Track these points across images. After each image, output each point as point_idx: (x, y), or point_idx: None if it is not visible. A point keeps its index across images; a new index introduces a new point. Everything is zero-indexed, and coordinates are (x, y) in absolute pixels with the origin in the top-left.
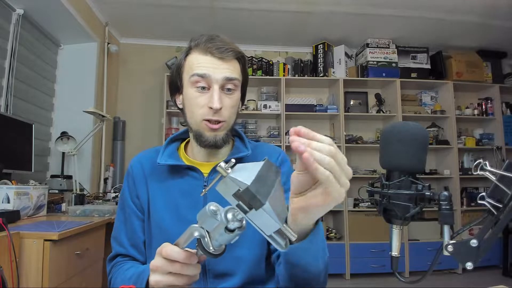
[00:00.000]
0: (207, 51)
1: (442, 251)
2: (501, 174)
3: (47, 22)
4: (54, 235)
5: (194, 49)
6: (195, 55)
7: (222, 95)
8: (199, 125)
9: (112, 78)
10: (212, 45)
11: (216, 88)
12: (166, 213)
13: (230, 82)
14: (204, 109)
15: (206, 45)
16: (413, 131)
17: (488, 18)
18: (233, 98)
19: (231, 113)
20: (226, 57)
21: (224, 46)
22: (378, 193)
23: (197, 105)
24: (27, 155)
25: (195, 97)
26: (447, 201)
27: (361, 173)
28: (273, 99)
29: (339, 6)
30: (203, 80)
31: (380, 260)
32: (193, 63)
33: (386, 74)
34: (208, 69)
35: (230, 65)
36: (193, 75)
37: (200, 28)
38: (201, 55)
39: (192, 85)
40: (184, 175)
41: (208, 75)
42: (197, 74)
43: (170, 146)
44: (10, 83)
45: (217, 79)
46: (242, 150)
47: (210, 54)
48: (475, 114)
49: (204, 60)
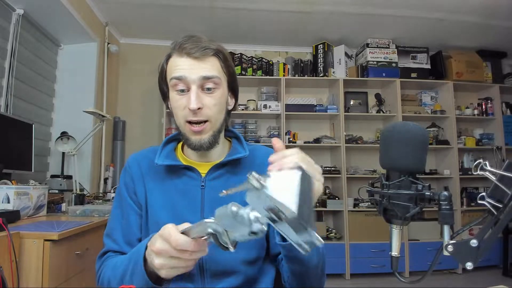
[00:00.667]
0: (183, 52)
1: (442, 251)
2: (501, 174)
3: (47, 22)
4: (54, 235)
5: (172, 52)
6: (173, 58)
7: (202, 95)
8: (184, 128)
9: (112, 78)
10: (187, 45)
11: (194, 88)
12: (163, 212)
13: (208, 80)
14: (185, 110)
15: (182, 46)
16: (413, 131)
17: (488, 18)
18: (215, 96)
19: (215, 111)
20: (202, 56)
21: (200, 44)
22: (378, 193)
23: (178, 107)
24: (27, 155)
25: (176, 100)
26: (447, 201)
27: (361, 173)
28: (273, 99)
29: (339, 6)
30: (181, 83)
31: (380, 260)
32: (171, 67)
33: (386, 74)
34: (184, 70)
35: (207, 63)
36: (171, 78)
37: (200, 28)
38: (178, 58)
39: (172, 89)
40: (181, 175)
41: (184, 76)
42: (174, 77)
43: (167, 147)
44: (10, 83)
45: (193, 79)
46: (239, 151)
47: (186, 55)
48: (475, 114)
49: (180, 62)
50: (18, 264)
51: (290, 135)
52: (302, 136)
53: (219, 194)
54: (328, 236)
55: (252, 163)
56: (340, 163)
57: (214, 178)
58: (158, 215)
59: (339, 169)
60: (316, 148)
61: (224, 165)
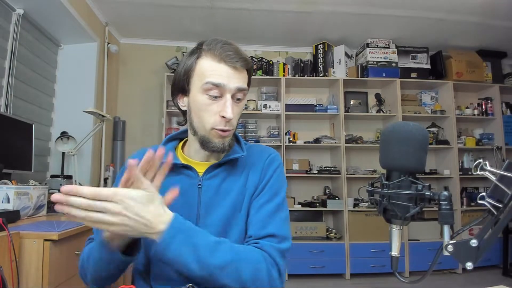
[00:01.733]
0: (221, 59)
1: (442, 251)
2: (501, 174)
3: (47, 22)
4: (54, 235)
5: (206, 54)
6: (208, 61)
7: (233, 104)
8: (209, 132)
9: (112, 78)
10: (226, 54)
11: (229, 97)
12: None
13: (240, 92)
14: (216, 117)
15: (220, 53)
16: (413, 131)
17: (488, 18)
18: (241, 106)
19: (238, 121)
20: (239, 67)
21: (237, 55)
22: (378, 193)
23: (208, 112)
24: (27, 155)
25: (206, 104)
26: (447, 201)
27: (361, 173)
28: (273, 99)
29: (339, 6)
30: (217, 89)
31: (380, 260)
32: (206, 69)
33: (386, 74)
34: (223, 78)
35: (242, 75)
36: (207, 82)
37: (200, 28)
38: (214, 62)
39: (204, 92)
40: (179, 174)
41: (223, 84)
42: (212, 83)
43: (167, 146)
44: (10, 83)
45: (231, 88)
46: (237, 152)
47: (224, 63)
48: (475, 114)
49: (218, 68)
50: (18, 264)
51: (290, 135)
52: (302, 136)
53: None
54: (328, 236)
55: (246, 162)
56: (340, 163)
57: (211, 177)
58: None
59: (339, 169)
60: (316, 148)
61: (221, 164)
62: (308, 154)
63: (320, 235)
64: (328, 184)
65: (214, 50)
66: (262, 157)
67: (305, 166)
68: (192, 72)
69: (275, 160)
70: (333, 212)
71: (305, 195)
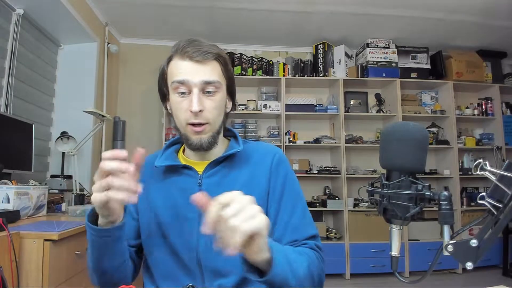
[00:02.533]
0: (185, 56)
1: (442, 251)
2: (501, 174)
3: (47, 22)
4: (54, 235)
5: (174, 55)
6: (175, 61)
7: (203, 98)
8: (185, 129)
9: (112, 78)
10: (189, 49)
11: (196, 91)
12: (164, 209)
13: (209, 85)
14: (187, 113)
15: (184, 50)
16: (413, 131)
17: (488, 18)
18: (215, 99)
19: (215, 114)
20: (204, 60)
21: (201, 49)
22: (378, 193)
23: (180, 109)
24: (27, 155)
25: (177, 102)
26: (447, 201)
27: (361, 173)
28: (273, 99)
29: (339, 6)
30: (183, 86)
31: (380, 260)
32: (173, 70)
33: (386, 74)
34: (187, 74)
35: (209, 67)
36: (173, 82)
37: (200, 28)
38: (180, 61)
39: (174, 91)
40: (180, 174)
41: (186, 80)
42: (177, 81)
43: (169, 149)
44: (10, 83)
45: (195, 83)
46: (234, 147)
47: (188, 59)
48: (475, 114)
49: (183, 66)
50: (18, 264)
51: (290, 135)
52: (302, 136)
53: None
54: (328, 236)
55: (248, 160)
56: (340, 163)
57: (211, 175)
58: (161, 215)
59: (339, 169)
60: (316, 148)
61: (220, 162)
62: (308, 154)
63: (320, 235)
64: (328, 184)
65: (178, 50)
66: (268, 155)
67: (305, 166)
68: (166, 75)
69: (283, 160)
70: (333, 212)
71: (305, 195)
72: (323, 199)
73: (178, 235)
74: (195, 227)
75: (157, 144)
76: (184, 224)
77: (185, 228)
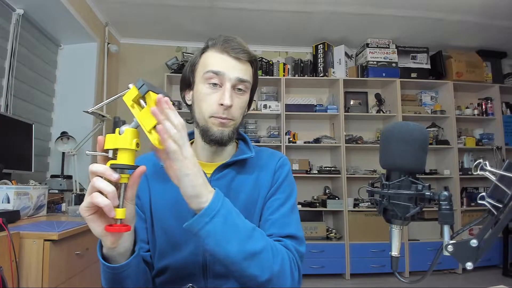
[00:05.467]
0: (224, 50)
1: (442, 251)
2: (501, 174)
3: (47, 22)
4: (54, 235)
5: (210, 48)
6: (211, 53)
7: (233, 94)
8: (207, 121)
9: (112, 78)
10: (229, 45)
11: (229, 86)
12: (168, 212)
13: (241, 83)
14: (214, 106)
15: (223, 45)
16: (413, 131)
17: (488, 18)
18: (243, 99)
19: (239, 113)
20: (241, 58)
21: (240, 47)
22: (378, 193)
23: (207, 101)
24: (27, 155)
25: (206, 93)
26: (447, 201)
27: (361, 173)
28: (273, 99)
29: (339, 6)
30: (217, 77)
31: (380, 260)
32: (208, 60)
33: (386, 74)
34: (223, 67)
35: (244, 66)
36: (208, 71)
37: (200, 28)
38: (218, 53)
39: (205, 81)
40: None
41: (222, 72)
42: (212, 71)
43: None
44: (10, 83)
45: (230, 77)
46: (245, 152)
47: (226, 54)
48: (475, 114)
49: (220, 58)
50: (18, 264)
51: (290, 135)
52: (302, 136)
53: None
54: (328, 236)
55: (256, 164)
56: (340, 163)
57: (220, 178)
58: (164, 216)
59: (339, 169)
60: (316, 148)
61: (229, 165)
62: (308, 154)
63: (320, 235)
64: (328, 184)
65: (218, 43)
66: (273, 159)
67: (305, 166)
68: (197, 65)
69: (286, 163)
70: (333, 212)
71: (305, 195)
72: (323, 199)
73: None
74: None
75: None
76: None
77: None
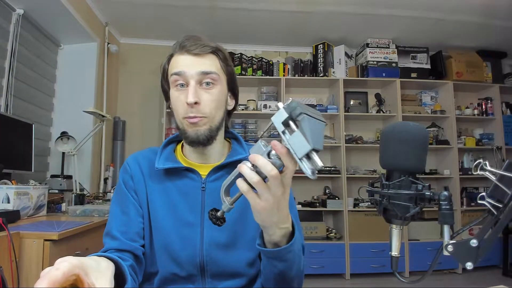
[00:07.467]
0: (183, 50)
1: (442, 251)
2: (501, 174)
3: (47, 22)
4: (54, 235)
5: (174, 52)
6: (174, 57)
7: (200, 91)
8: (182, 123)
9: (112, 78)
10: (187, 43)
11: (193, 83)
12: (164, 213)
13: (207, 76)
14: (184, 106)
15: (181, 45)
16: (413, 131)
17: (488, 18)
18: (213, 92)
19: (212, 108)
20: (201, 53)
21: (199, 42)
22: (378, 193)
23: (177, 103)
24: (27, 155)
25: (175, 96)
26: (447, 201)
27: (361, 173)
28: (273, 99)
29: (339, 6)
30: (180, 78)
31: (380, 260)
32: (172, 64)
33: (386, 74)
34: (184, 66)
35: (207, 60)
36: (171, 74)
37: (200, 28)
38: (178, 55)
39: (172, 85)
40: (182, 177)
41: (183, 71)
42: (174, 73)
43: (167, 148)
44: (10, 83)
45: (192, 74)
46: (240, 153)
47: (186, 52)
48: (475, 114)
49: (180, 59)
50: (18, 264)
51: None
52: None
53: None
54: (328, 236)
55: None
56: (340, 163)
57: (215, 179)
58: (160, 216)
59: (339, 169)
60: None
61: (224, 166)
62: None
63: (320, 235)
64: (328, 184)
65: (177, 46)
66: None
67: None
68: (166, 73)
69: None
70: (333, 212)
71: (305, 195)
72: (323, 199)
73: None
74: (197, 232)
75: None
76: (186, 229)
77: (187, 234)
